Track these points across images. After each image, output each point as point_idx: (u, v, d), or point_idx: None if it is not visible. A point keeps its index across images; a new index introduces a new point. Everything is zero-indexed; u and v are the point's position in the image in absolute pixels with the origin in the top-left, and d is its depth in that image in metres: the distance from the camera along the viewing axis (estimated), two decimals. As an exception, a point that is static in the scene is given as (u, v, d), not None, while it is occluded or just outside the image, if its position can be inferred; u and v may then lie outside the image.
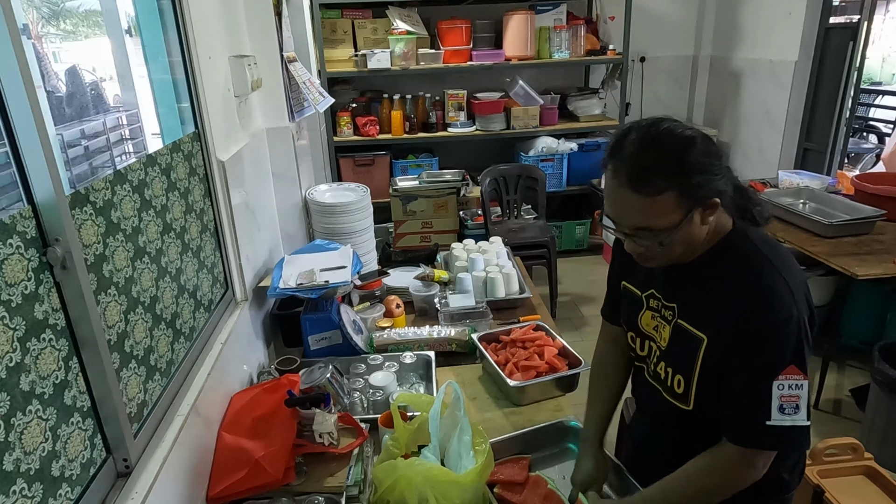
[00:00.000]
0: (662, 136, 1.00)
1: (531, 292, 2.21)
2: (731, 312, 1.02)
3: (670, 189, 0.97)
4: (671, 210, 0.99)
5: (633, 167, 0.99)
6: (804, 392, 0.98)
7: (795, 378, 0.98)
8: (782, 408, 0.98)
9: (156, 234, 1.30)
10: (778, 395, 0.98)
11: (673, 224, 1.00)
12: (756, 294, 1.01)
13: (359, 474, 1.36)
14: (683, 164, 0.97)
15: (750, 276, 1.03)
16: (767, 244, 1.07)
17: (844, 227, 2.75)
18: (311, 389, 1.47)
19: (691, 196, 0.98)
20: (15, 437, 0.81)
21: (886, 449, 2.23)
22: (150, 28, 1.60)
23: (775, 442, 1.01)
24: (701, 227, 1.03)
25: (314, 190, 2.47)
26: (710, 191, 0.99)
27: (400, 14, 4.02)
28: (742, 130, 4.62)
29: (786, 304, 0.99)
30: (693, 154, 0.98)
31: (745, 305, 1.01)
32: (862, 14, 3.59)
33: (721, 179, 1.01)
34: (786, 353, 0.99)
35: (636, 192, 0.98)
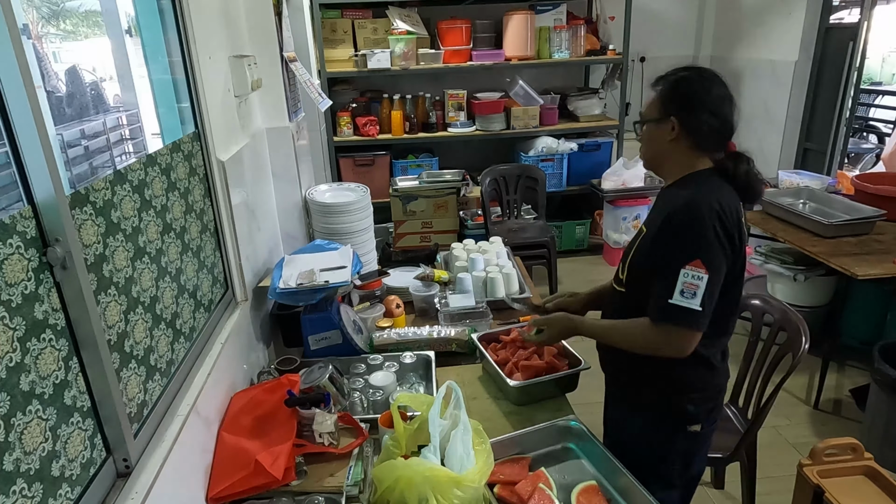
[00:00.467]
0: (689, 70, 1.35)
1: (531, 292, 2.20)
2: (663, 215, 1.31)
3: (659, 90, 1.36)
4: (653, 105, 1.36)
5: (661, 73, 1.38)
6: (702, 283, 1.23)
7: (698, 270, 1.23)
8: (682, 291, 1.24)
9: (156, 234, 1.30)
10: (682, 280, 1.24)
11: (650, 117, 1.37)
12: (682, 203, 1.28)
13: (359, 474, 1.36)
14: (676, 89, 1.33)
15: (684, 193, 1.31)
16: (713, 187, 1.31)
17: (844, 227, 2.75)
18: (311, 389, 1.48)
19: (665, 106, 1.33)
20: (15, 437, 0.81)
21: (886, 449, 2.23)
22: (150, 28, 1.60)
23: (672, 317, 1.26)
24: (666, 141, 1.34)
25: (314, 190, 2.47)
26: (677, 113, 1.31)
27: (400, 14, 4.02)
28: (742, 130, 4.58)
29: (701, 213, 1.24)
30: (690, 88, 1.32)
31: (672, 210, 1.29)
32: (862, 14, 3.59)
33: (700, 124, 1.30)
34: (693, 246, 1.24)
35: (651, 85, 1.39)
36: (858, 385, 2.83)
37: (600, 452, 1.37)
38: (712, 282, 1.24)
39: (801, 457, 1.79)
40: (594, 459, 1.39)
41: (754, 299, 2.07)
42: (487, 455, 1.23)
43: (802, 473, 1.73)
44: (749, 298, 2.09)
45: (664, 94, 1.34)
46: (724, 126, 1.33)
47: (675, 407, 1.40)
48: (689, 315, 1.25)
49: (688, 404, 1.39)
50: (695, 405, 1.39)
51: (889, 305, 2.86)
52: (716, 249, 1.25)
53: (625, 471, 1.29)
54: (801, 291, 3.11)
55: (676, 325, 1.27)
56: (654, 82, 1.37)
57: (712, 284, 1.24)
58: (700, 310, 1.24)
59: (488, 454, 1.23)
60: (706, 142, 1.32)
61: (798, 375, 2.98)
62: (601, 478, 1.35)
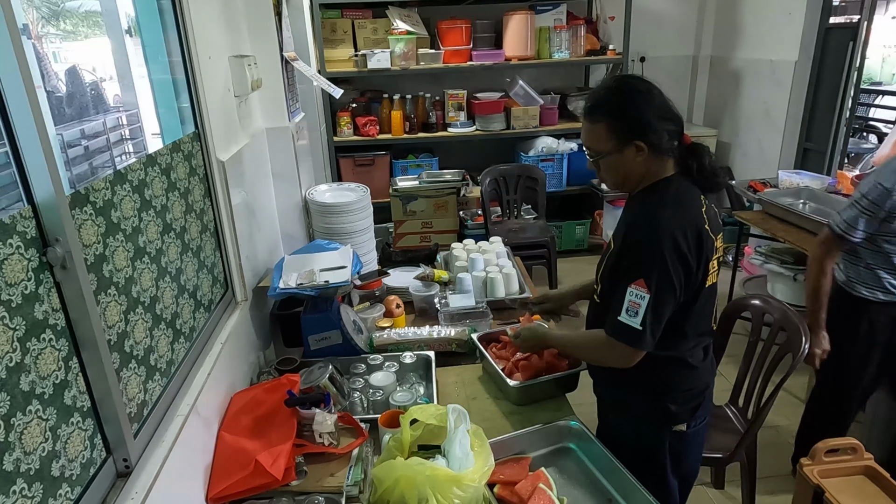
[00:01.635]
0: (619, 84, 1.33)
1: (531, 292, 2.20)
2: (622, 229, 1.34)
3: (604, 121, 1.30)
4: (604, 138, 1.31)
5: (588, 100, 1.34)
6: (643, 303, 1.26)
7: (640, 290, 1.26)
8: (627, 310, 1.28)
9: (156, 234, 1.30)
10: (628, 299, 1.28)
11: (604, 150, 1.32)
12: (641, 221, 1.31)
13: (359, 474, 1.36)
14: (620, 108, 1.29)
15: (644, 208, 1.33)
16: (679, 196, 1.32)
17: None
18: (311, 389, 1.48)
19: (620, 133, 1.29)
20: (15, 437, 0.81)
21: (886, 449, 2.23)
22: (150, 28, 1.60)
23: (616, 333, 1.31)
24: (633, 162, 1.31)
25: (314, 190, 2.47)
26: (640, 136, 1.27)
27: (400, 14, 4.02)
28: (742, 130, 4.62)
29: (655, 236, 1.25)
30: (633, 103, 1.28)
31: (628, 226, 1.33)
32: (862, 14, 3.59)
33: (658, 133, 1.27)
34: (640, 268, 1.26)
35: (585, 118, 1.35)
36: (858, 385, 2.83)
37: (600, 452, 1.37)
38: (657, 301, 1.25)
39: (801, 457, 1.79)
40: (594, 459, 1.39)
41: (754, 299, 2.07)
42: (487, 455, 1.23)
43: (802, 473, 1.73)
44: (749, 298, 2.09)
45: (615, 124, 1.29)
46: (677, 122, 1.32)
47: (657, 408, 1.42)
48: (630, 333, 1.28)
49: (669, 404, 1.41)
50: (677, 405, 1.41)
51: (889, 305, 2.86)
52: (662, 272, 1.25)
53: (625, 471, 1.29)
54: (801, 291, 3.11)
55: (619, 340, 1.31)
56: (589, 112, 1.33)
57: (657, 304, 1.26)
58: (640, 329, 1.26)
59: (488, 454, 1.23)
60: (668, 146, 1.31)
61: (798, 375, 2.96)
62: (601, 478, 1.35)
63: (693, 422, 1.45)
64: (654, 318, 1.27)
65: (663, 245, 1.24)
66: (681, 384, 1.41)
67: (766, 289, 3.38)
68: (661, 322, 1.29)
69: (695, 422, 1.45)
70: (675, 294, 1.28)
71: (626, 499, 1.27)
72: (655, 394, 1.42)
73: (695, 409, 1.44)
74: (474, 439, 1.26)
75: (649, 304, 1.25)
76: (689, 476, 1.55)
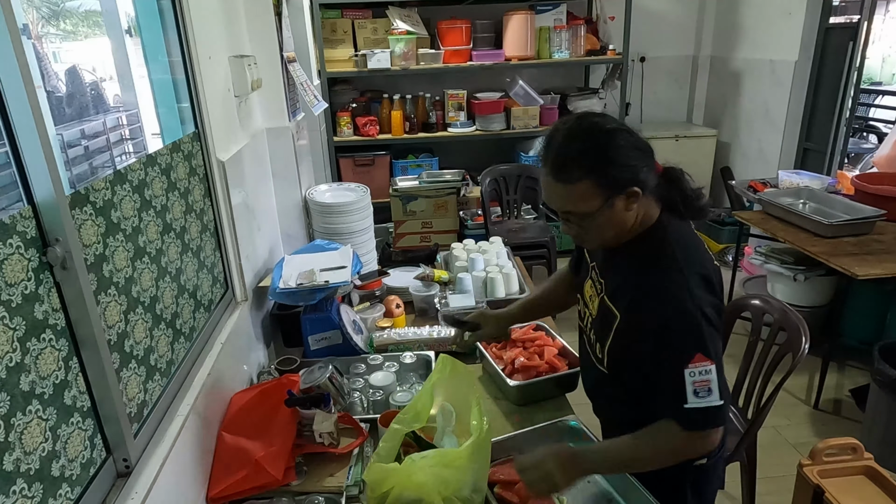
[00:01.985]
0: (584, 130, 1.11)
1: (531, 292, 2.20)
2: (633, 301, 1.15)
3: (587, 178, 1.09)
4: (589, 197, 1.10)
5: (555, 158, 1.11)
6: (713, 375, 1.08)
7: (703, 364, 1.08)
8: (696, 392, 1.08)
9: (156, 234, 1.30)
10: (691, 381, 1.08)
11: (592, 210, 1.11)
12: (656, 293, 1.12)
13: (359, 474, 1.36)
14: (600, 156, 1.08)
15: (650, 270, 1.15)
16: (680, 238, 1.16)
17: (844, 227, 2.75)
18: (311, 389, 1.47)
19: (608, 185, 1.09)
20: (15, 437, 0.81)
21: (886, 449, 2.23)
22: (150, 28, 1.60)
23: (699, 424, 1.11)
24: (626, 213, 1.13)
25: (314, 190, 2.47)
26: (630, 181, 1.09)
27: (400, 14, 4.02)
28: (742, 130, 4.62)
29: (677, 298, 1.09)
30: (612, 146, 1.09)
31: (642, 297, 1.13)
32: (862, 14, 3.59)
33: (643, 171, 1.11)
34: (688, 344, 1.09)
35: (557, 180, 1.11)
36: (858, 385, 2.83)
37: (600, 452, 1.37)
38: (719, 367, 1.11)
39: (801, 457, 1.79)
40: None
41: (754, 299, 2.07)
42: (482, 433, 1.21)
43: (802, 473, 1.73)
44: (749, 298, 2.09)
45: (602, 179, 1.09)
46: (651, 152, 1.15)
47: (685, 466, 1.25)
48: (713, 413, 1.10)
49: None
50: None
51: (889, 305, 2.86)
52: (712, 334, 1.11)
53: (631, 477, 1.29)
54: (801, 291, 3.11)
55: (703, 430, 1.12)
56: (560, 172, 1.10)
57: (720, 369, 1.11)
58: (721, 402, 1.10)
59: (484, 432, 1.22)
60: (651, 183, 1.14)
61: (798, 375, 2.97)
62: (601, 478, 1.34)
63: (713, 455, 1.33)
64: (723, 380, 1.11)
65: (698, 309, 1.09)
66: None
67: (766, 289, 3.38)
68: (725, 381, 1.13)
69: (715, 454, 1.34)
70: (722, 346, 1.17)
71: (625, 499, 1.27)
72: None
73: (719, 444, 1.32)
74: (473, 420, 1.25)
75: (717, 371, 1.09)
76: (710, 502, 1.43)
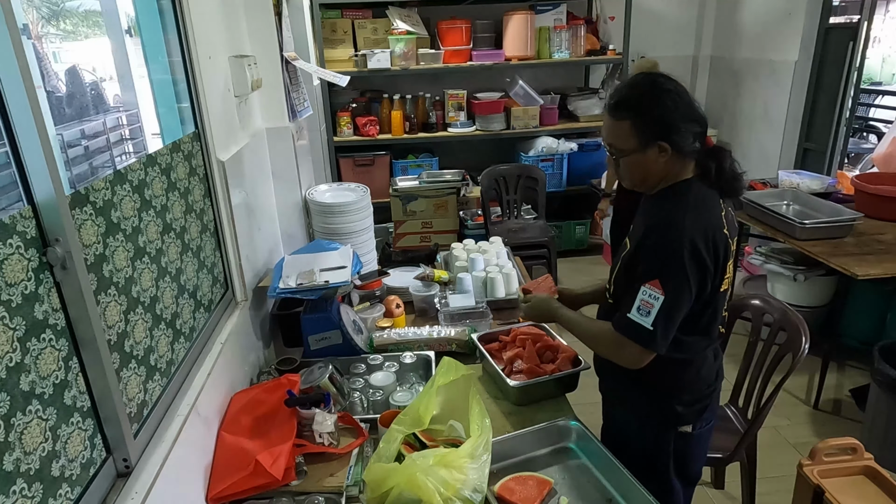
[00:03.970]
0: (646, 83, 1.29)
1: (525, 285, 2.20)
2: (642, 229, 1.31)
3: (629, 119, 1.27)
4: (627, 136, 1.28)
5: (612, 97, 1.32)
6: (657, 304, 1.23)
7: (655, 290, 1.24)
8: (639, 308, 1.26)
9: (156, 234, 1.30)
10: (640, 297, 1.25)
11: (628, 148, 1.29)
12: (661, 222, 1.28)
13: (359, 474, 1.36)
14: (644, 106, 1.26)
15: (664, 210, 1.30)
16: (700, 198, 1.30)
17: (817, 231, 2.72)
18: (311, 389, 1.48)
19: (644, 132, 1.26)
20: (15, 437, 0.81)
21: (886, 449, 2.23)
22: (150, 28, 1.60)
23: (625, 329, 1.29)
24: (656, 162, 1.28)
25: (314, 190, 2.47)
26: (664, 136, 1.25)
27: (400, 14, 4.02)
28: (742, 130, 4.62)
29: (676, 237, 1.23)
30: (660, 103, 1.25)
31: (650, 225, 1.30)
32: (862, 14, 3.59)
33: (683, 134, 1.26)
34: (657, 268, 1.24)
35: (609, 114, 1.32)
36: (858, 385, 2.83)
37: (600, 452, 1.37)
38: (670, 305, 1.23)
39: (801, 457, 1.79)
40: (594, 459, 1.39)
41: (754, 299, 2.07)
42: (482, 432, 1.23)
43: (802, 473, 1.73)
44: (749, 298, 2.09)
45: (641, 124, 1.27)
46: (702, 124, 1.30)
47: (663, 408, 1.41)
48: (640, 331, 1.26)
49: (676, 405, 1.40)
50: (683, 406, 1.40)
51: (889, 305, 2.86)
52: (680, 275, 1.23)
53: (625, 471, 1.29)
54: (801, 291, 3.11)
55: (628, 338, 1.28)
56: (614, 109, 1.30)
57: (670, 308, 1.23)
58: (651, 329, 1.24)
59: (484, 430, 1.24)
60: (691, 147, 1.29)
61: (798, 375, 2.97)
62: (601, 478, 1.35)
63: (699, 424, 1.44)
64: (667, 320, 1.25)
65: (683, 249, 1.22)
66: (688, 386, 1.40)
67: (766, 289, 3.38)
68: (673, 325, 1.27)
69: (700, 424, 1.44)
70: (689, 299, 1.26)
71: (626, 499, 1.27)
72: (662, 394, 1.41)
73: (701, 412, 1.43)
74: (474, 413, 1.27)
75: (663, 305, 1.23)
76: (692, 478, 1.55)
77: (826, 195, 3.18)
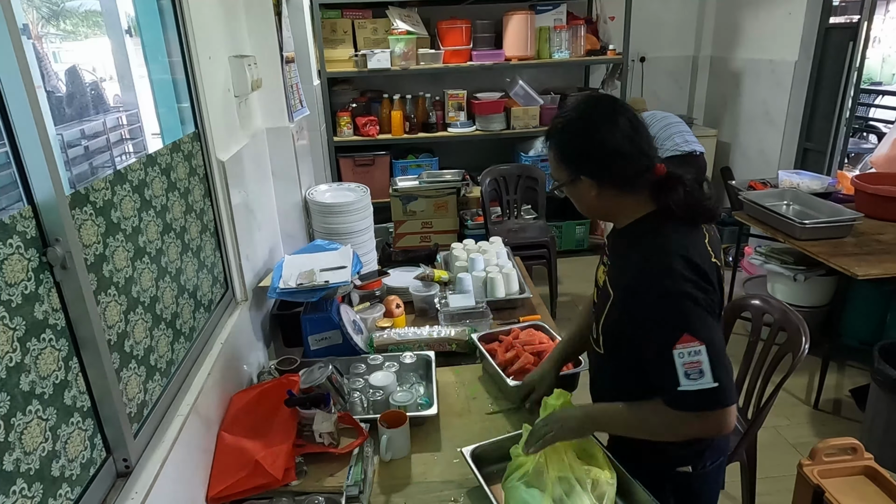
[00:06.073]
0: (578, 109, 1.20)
1: (531, 292, 2.21)
2: (626, 281, 1.19)
3: (553, 150, 1.22)
4: (556, 165, 1.23)
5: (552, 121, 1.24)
6: (703, 356, 1.07)
7: (691, 345, 1.07)
8: (687, 374, 1.08)
9: (156, 234, 1.30)
10: (680, 363, 1.08)
11: (559, 178, 1.23)
12: (641, 271, 1.15)
13: (359, 474, 1.36)
14: (570, 136, 1.19)
15: (642, 255, 1.16)
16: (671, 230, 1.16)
17: (817, 230, 2.72)
18: (311, 389, 1.48)
19: (568, 164, 1.20)
20: (15, 437, 0.81)
21: (886, 449, 2.23)
22: (150, 28, 1.60)
23: (690, 404, 1.09)
24: (590, 197, 1.20)
25: (314, 190, 2.47)
26: (587, 171, 1.17)
27: (400, 14, 4.02)
28: (742, 130, 4.62)
29: (659, 281, 1.10)
30: (585, 134, 1.17)
31: (631, 276, 1.17)
32: (862, 14, 3.59)
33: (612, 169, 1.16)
34: (674, 325, 1.09)
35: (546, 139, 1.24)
36: (858, 385, 2.83)
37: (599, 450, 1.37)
38: (714, 346, 1.08)
39: (801, 457, 1.79)
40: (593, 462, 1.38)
41: (754, 299, 2.07)
42: None
43: (802, 473, 1.73)
44: (749, 298, 2.09)
45: (561, 156, 1.20)
46: (637, 158, 1.16)
47: (656, 450, 1.25)
48: (708, 396, 1.07)
49: (668, 446, 1.25)
50: (677, 447, 1.25)
51: (889, 305, 2.86)
52: (699, 312, 1.09)
53: (623, 471, 1.29)
54: (801, 291, 3.11)
55: (700, 411, 1.10)
56: (546, 135, 1.23)
57: (715, 349, 1.08)
58: (716, 385, 1.07)
59: None
60: (630, 183, 1.17)
61: (798, 375, 2.97)
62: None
63: (700, 464, 1.29)
64: (721, 363, 1.08)
65: (684, 290, 1.09)
66: None
67: (766, 289, 3.38)
68: (726, 363, 1.10)
69: (703, 463, 1.30)
70: (717, 330, 1.12)
71: (625, 499, 1.27)
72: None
73: (700, 453, 1.28)
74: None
75: (709, 353, 1.07)
76: None
77: (826, 195, 3.18)
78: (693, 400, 1.08)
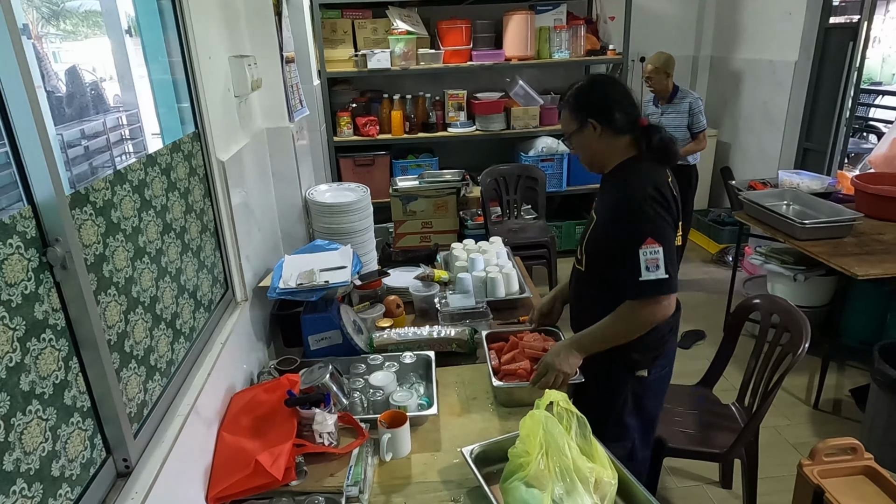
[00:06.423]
0: (586, 80, 1.61)
1: (531, 292, 2.20)
2: (608, 204, 1.55)
3: (567, 108, 1.59)
4: (568, 121, 1.59)
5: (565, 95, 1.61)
6: (661, 255, 1.43)
7: (652, 246, 1.43)
8: (647, 268, 1.43)
9: (156, 234, 1.30)
10: (643, 259, 1.43)
11: (569, 130, 1.59)
12: (622, 196, 1.50)
13: (359, 474, 1.35)
14: (578, 97, 1.57)
15: (623, 182, 1.53)
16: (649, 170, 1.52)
17: (817, 230, 2.72)
18: (311, 389, 1.48)
19: (578, 113, 1.55)
20: (15, 437, 0.81)
21: (886, 449, 2.23)
22: (150, 28, 1.60)
23: (647, 292, 1.45)
24: (594, 139, 1.54)
25: (314, 190, 2.47)
26: (592, 115, 1.52)
27: (400, 14, 4.02)
28: (742, 130, 4.62)
29: (639, 203, 1.45)
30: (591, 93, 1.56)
31: (615, 202, 1.52)
32: (862, 14, 3.59)
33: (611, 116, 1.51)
34: (644, 229, 1.44)
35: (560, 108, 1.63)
36: (858, 385, 2.83)
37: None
38: (668, 249, 1.44)
39: (801, 457, 1.79)
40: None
41: (761, 299, 2.07)
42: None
43: (802, 473, 1.73)
44: (754, 299, 2.09)
45: (575, 107, 1.56)
46: (630, 108, 1.54)
47: (622, 355, 1.58)
48: (660, 284, 1.44)
49: (632, 353, 1.58)
50: (639, 353, 1.59)
51: (889, 305, 2.86)
52: (661, 222, 1.45)
53: (623, 469, 1.29)
54: (801, 291, 3.11)
55: (653, 296, 1.45)
56: (562, 103, 1.60)
57: (669, 251, 1.44)
58: (667, 276, 1.44)
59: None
60: (622, 126, 1.53)
61: (798, 375, 2.98)
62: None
63: (654, 369, 1.63)
64: (672, 262, 1.45)
65: (650, 203, 1.44)
66: (644, 336, 1.54)
67: (766, 289, 3.38)
68: (676, 263, 1.47)
69: (655, 370, 1.63)
70: (674, 235, 1.47)
71: (624, 498, 1.27)
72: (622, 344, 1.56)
73: (655, 358, 1.62)
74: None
75: (664, 253, 1.42)
76: (649, 419, 1.71)
77: (826, 195, 3.18)
78: (651, 288, 1.44)
